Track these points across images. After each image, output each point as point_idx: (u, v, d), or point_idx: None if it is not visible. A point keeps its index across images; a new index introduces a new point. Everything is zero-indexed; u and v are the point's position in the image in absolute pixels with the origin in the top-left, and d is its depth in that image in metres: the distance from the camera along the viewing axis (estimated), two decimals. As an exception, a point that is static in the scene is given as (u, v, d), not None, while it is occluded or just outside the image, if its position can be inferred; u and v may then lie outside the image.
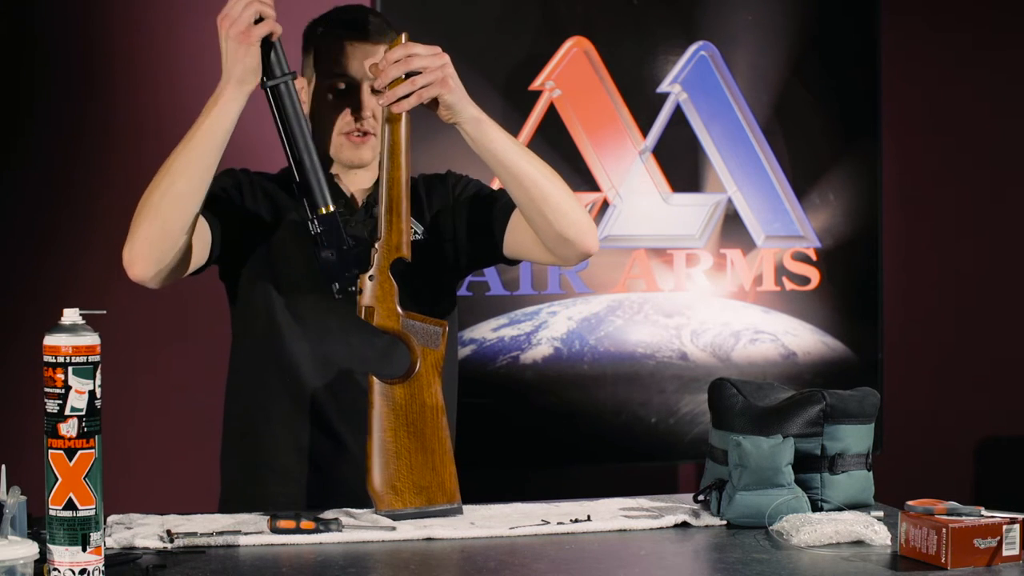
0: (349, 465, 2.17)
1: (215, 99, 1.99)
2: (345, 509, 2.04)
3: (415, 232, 2.27)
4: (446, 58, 2.04)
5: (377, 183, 2.25)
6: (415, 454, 2.00)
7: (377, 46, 2.18)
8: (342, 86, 2.19)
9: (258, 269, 2.21)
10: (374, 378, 2.01)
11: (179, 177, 1.99)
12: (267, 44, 1.99)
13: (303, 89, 2.24)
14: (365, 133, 2.20)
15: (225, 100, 1.98)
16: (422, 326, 2.03)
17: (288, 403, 2.21)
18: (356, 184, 2.27)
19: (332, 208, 2.04)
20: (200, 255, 2.12)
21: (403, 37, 2.03)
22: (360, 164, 2.24)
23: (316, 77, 2.22)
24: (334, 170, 2.25)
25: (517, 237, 2.23)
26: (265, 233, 2.21)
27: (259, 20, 1.97)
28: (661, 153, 3.44)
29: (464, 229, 2.27)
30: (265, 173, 2.30)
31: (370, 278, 2.02)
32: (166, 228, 2.00)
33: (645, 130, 3.43)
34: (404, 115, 2.03)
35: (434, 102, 2.04)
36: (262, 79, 2.01)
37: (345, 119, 2.20)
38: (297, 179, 2.06)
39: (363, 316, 2.02)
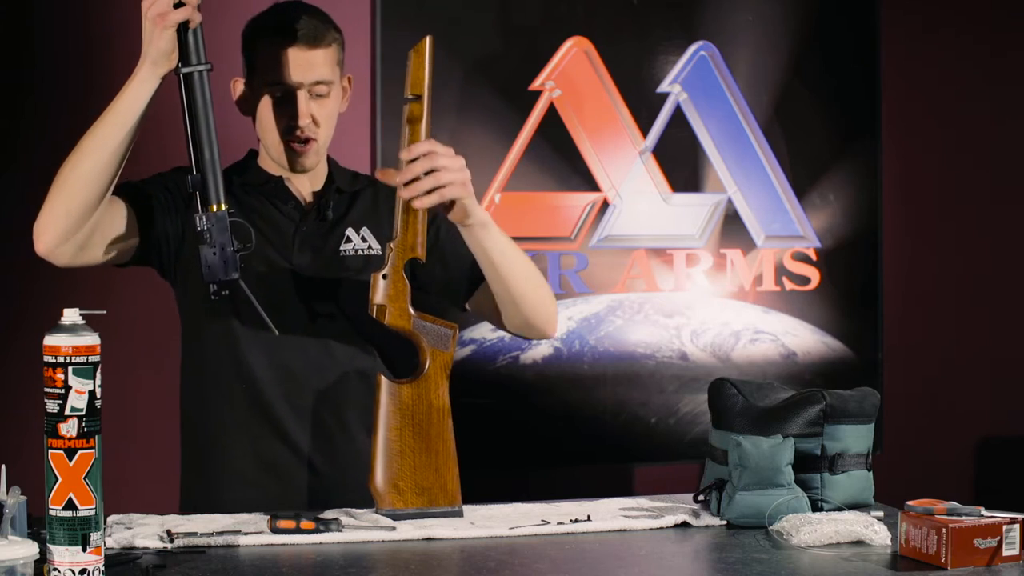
0: (308, 473, 2.19)
1: (130, 80, 2.00)
2: (345, 509, 2.04)
3: (368, 246, 2.27)
4: (463, 160, 2.02)
5: (328, 185, 2.27)
6: (419, 454, 2.00)
7: (314, 51, 2.16)
8: (279, 94, 2.18)
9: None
10: (382, 377, 2.01)
11: (87, 156, 2.00)
12: (186, 30, 1.98)
13: (242, 90, 2.24)
14: (307, 140, 2.19)
15: (138, 81, 1.99)
16: (433, 327, 2.02)
17: (245, 411, 2.21)
18: (306, 187, 2.27)
19: (224, 207, 2.01)
20: (123, 248, 2.12)
21: (428, 41, 1.99)
22: (304, 170, 2.24)
23: (254, 81, 2.20)
24: (284, 174, 2.24)
25: (482, 306, 2.26)
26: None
27: (180, 5, 1.96)
28: (661, 153, 3.44)
29: (434, 276, 2.26)
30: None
31: (383, 277, 2.01)
32: (71, 205, 2.01)
33: (645, 130, 3.43)
34: (426, 115, 2.01)
35: (450, 202, 2.01)
36: (177, 65, 1.99)
37: (286, 125, 2.19)
38: (194, 171, 2.03)
39: (375, 314, 2.01)
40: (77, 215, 2.01)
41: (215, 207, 2.01)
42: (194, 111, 2.02)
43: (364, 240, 2.26)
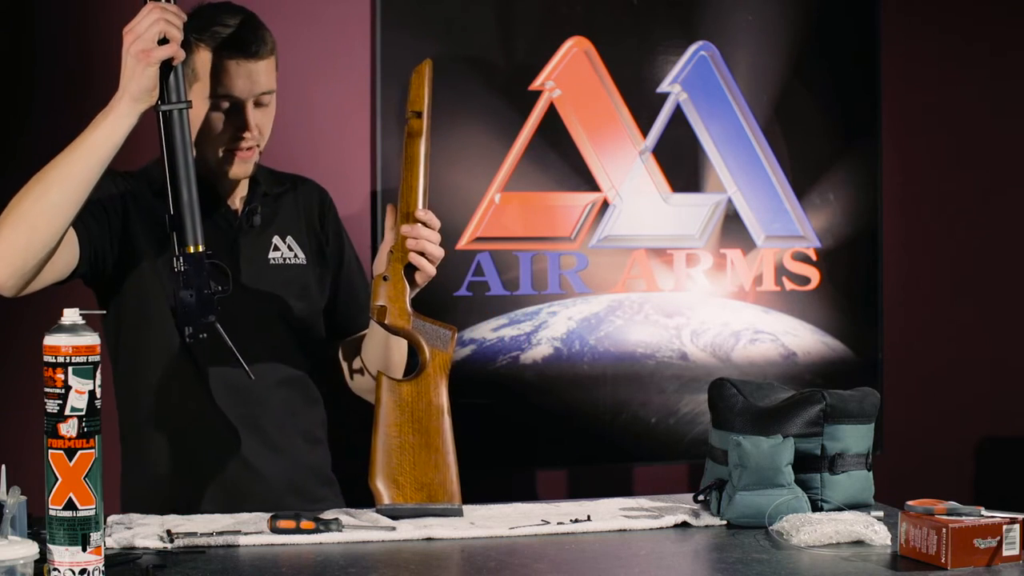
0: (256, 481, 2.20)
1: (106, 112, 1.96)
2: (345, 509, 2.04)
3: (295, 255, 2.29)
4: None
5: (253, 190, 2.29)
6: (419, 451, 2.00)
7: (258, 63, 2.16)
8: (227, 105, 2.17)
9: (146, 286, 2.19)
10: (383, 375, 2.03)
11: (54, 186, 1.95)
12: (168, 67, 1.96)
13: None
14: (249, 148, 2.20)
15: (116, 115, 1.95)
16: (432, 327, 2.06)
17: (190, 417, 2.21)
18: (236, 193, 2.28)
19: (201, 248, 1.99)
20: (66, 265, 2.09)
21: (427, 65, 2.13)
22: (243, 176, 2.25)
23: (193, 88, 2.17)
24: (214, 180, 2.24)
25: (337, 351, 2.36)
26: (151, 248, 2.18)
27: (164, 41, 1.94)
28: (661, 153, 3.44)
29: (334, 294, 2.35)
30: (133, 174, 2.26)
31: (384, 279, 2.04)
32: (32, 237, 1.95)
33: (645, 130, 3.43)
34: (425, 130, 2.07)
35: (412, 267, 2.08)
36: (156, 102, 1.97)
37: (230, 135, 2.18)
38: (171, 211, 2.00)
39: (375, 316, 2.04)
40: (38, 248, 1.96)
41: (191, 248, 1.97)
42: (172, 149, 1.98)
43: (290, 249, 2.30)
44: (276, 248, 2.28)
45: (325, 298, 2.34)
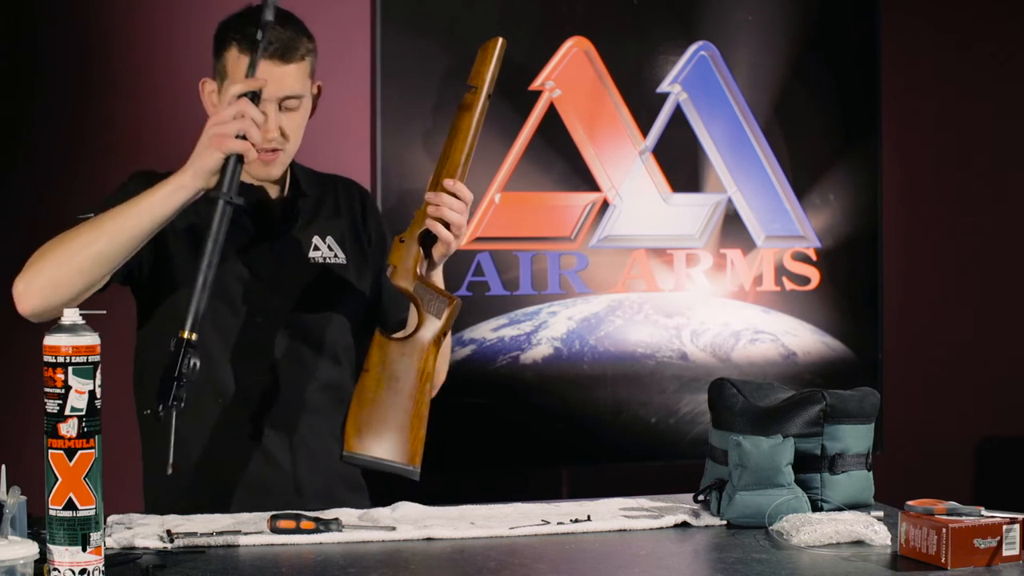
0: (279, 477, 2.19)
1: (169, 180, 1.98)
2: (345, 509, 2.04)
3: (335, 255, 2.29)
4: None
5: (293, 191, 2.29)
6: (389, 408, 2.00)
7: (286, 67, 2.16)
8: None
9: (177, 288, 2.18)
10: (378, 330, 2.04)
11: (104, 237, 1.98)
12: (236, 161, 1.96)
13: (213, 91, 2.23)
14: (273, 150, 2.20)
15: (176, 186, 1.97)
16: (432, 294, 2.07)
17: (218, 423, 2.21)
18: (274, 193, 2.29)
19: (189, 336, 1.93)
20: (102, 281, 2.08)
21: (497, 43, 2.13)
22: (270, 180, 2.25)
23: (223, 85, 2.18)
24: (251, 181, 2.25)
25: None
26: (182, 251, 2.18)
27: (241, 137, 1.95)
28: (661, 153, 3.44)
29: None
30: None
31: (400, 240, 2.06)
32: (74, 279, 1.99)
33: (645, 130, 3.43)
34: (478, 106, 2.09)
35: (435, 238, 2.09)
36: (212, 187, 1.97)
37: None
38: (194, 294, 1.96)
39: (388, 273, 2.07)
40: (78, 290, 2.00)
41: (185, 333, 1.94)
42: (210, 236, 1.96)
43: (330, 249, 2.30)
44: (316, 248, 2.29)
45: (367, 297, 2.33)
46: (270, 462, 2.21)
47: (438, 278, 2.14)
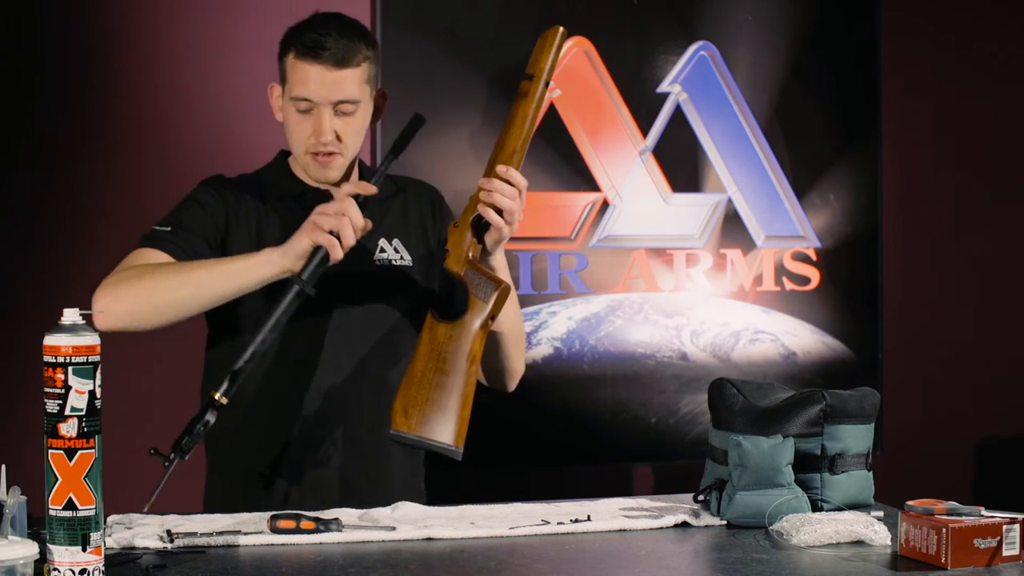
0: (341, 485, 2.20)
1: (261, 252, 2.05)
2: (346, 509, 2.04)
3: (400, 257, 2.30)
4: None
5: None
6: (436, 389, 2.03)
7: (341, 71, 2.19)
8: (304, 107, 2.20)
9: (244, 330, 2.21)
10: (430, 313, 2.08)
11: (188, 287, 2.06)
12: (323, 256, 2.02)
13: (278, 96, 2.26)
14: (330, 153, 2.22)
15: (263, 259, 2.04)
16: (481, 279, 2.10)
17: (281, 416, 2.23)
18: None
19: (219, 400, 1.97)
20: (173, 323, 2.15)
21: (557, 32, 2.22)
22: (327, 182, 2.27)
23: (284, 89, 2.23)
24: (313, 184, 2.28)
25: None
26: (257, 299, 2.18)
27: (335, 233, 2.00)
28: (661, 153, 3.44)
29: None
30: (244, 179, 2.32)
31: (454, 225, 2.11)
32: (151, 316, 2.09)
33: (645, 130, 3.43)
34: (535, 95, 2.12)
35: (488, 225, 2.12)
36: (297, 272, 2.02)
37: (310, 139, 2.22)
38: (239, 364, 2.00)
39: (443, 257, 2.11)
40: (153, 323, 2.11)
41: (217, 396, 1.98)
42: (272, 313, 2.01)
43: (396, 251, 2.32)
44: (382, 250, 2.31)
45: (432, 297, 2.34)
46: (324, 464, 2.22)
47: (499, 263, 2.17)
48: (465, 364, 2.06)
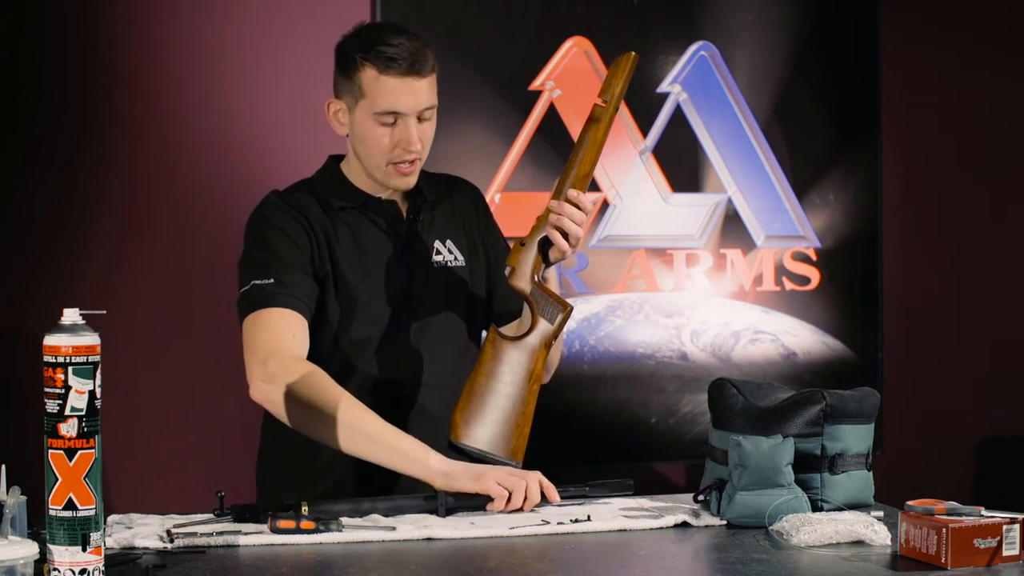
0: (394, 485, 2.20)
1: (426, 455, 2.06)
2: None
3: (455, 257, 2.34)
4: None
5: (417, 197, 2.34)
6: (497, 404, 2.08)
7: (423, 79, 2.21)
8: (391, 120, 2.21)
9: (322, 298, 2.25)
10: (493, 328, 2.12)
11: (342, 440, 2.08)
12: (475, 503, 2.05)
13: (340, 110, 2.26)
14: (413, 161, 2.25)
15: (422, 464, 2.05)
16: (549, 300, 2.15)
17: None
18: (399, 200, 2.34)
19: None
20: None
21: (629, 58, 2.22)
22: (407, 188, 2.30)
23: (359, 105, 2.23)
24: (378, 191, 2.30)
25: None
26: (317, 259, 2.25)
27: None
28: (661, 153, 3.44)
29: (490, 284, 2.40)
30: (299, 190, 2.33)
31: (521, 244, 2.15)
32: (303, 431, 2.12)
33: (645, 130, 3.43)
34: (605, 119, 2.14)
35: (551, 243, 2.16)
36: (442, 493, 2.03)
37: (395, 150, 2.23)
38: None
39: (506, 274, 2.15)
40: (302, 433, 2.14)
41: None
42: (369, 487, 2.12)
43: (450, 252, 2.35)
44: (438, 252, 2.34)
45: (482, 297, 2.38)
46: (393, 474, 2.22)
47: (551, 279, 2.22)
48: (527, 382, 2.11)
